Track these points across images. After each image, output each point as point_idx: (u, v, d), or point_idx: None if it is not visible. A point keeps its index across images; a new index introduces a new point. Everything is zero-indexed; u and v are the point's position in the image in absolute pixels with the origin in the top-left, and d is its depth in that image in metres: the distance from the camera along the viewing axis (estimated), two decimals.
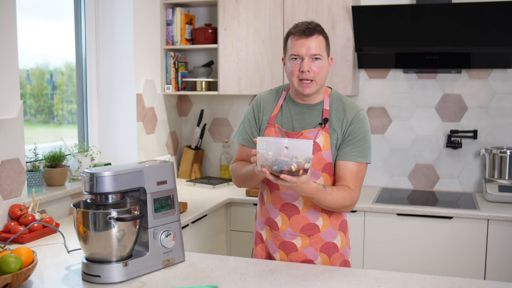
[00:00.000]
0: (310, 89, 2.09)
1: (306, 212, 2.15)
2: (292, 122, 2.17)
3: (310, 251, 2.18)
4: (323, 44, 2.10)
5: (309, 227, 2.17)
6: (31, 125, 3.23)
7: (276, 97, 2.25)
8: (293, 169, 1.78)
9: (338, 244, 2.21)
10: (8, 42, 2.56)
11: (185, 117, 4.36)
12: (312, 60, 2.07)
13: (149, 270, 2.00)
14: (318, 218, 2.16)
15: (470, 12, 3.25)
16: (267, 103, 2.24)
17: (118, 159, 3.61)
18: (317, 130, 2.11)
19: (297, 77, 2.09)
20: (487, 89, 3.63)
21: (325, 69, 2.10)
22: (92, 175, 1.89)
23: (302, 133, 2.12)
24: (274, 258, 2.24)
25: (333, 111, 2.14)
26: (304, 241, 2.17)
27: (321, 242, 2.18)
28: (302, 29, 2.08)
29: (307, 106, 2.17)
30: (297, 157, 1.77)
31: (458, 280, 1.93)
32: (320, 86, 2.11)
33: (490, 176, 3.52)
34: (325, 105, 2.15)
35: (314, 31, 2.08)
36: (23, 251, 1.90)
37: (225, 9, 3.78)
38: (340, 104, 2.16)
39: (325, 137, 2.10)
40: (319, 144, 2.10)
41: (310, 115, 2.16)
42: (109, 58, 3.59)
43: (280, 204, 2.18)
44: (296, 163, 1.77)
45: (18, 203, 2.62)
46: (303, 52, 2.06)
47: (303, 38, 2.07)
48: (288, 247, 2.19)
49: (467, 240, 3.17)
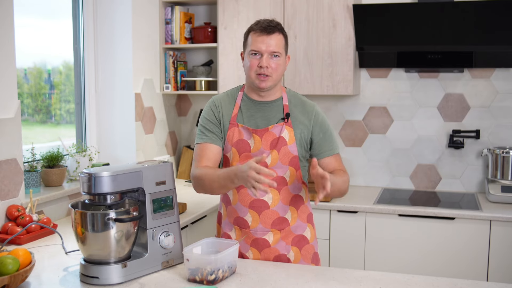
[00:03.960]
0: (266, 83, 2.16)
1: (276, 207, 2.20)
2: (255, 120, 2.22)
3: (281, 245, 2.22)
4: (282, 43, 2.18)
5: (279, 221, 2.21)
6: (28, 125, 3.21)
7: (231, 99, 2.28)
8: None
9: (307, 236, 2.28)
10: (6, 41, 2.54)
11: (184, 117, 4.33)
12: (271, 57, 2.15)
13: (148, 272, 1.99)
14: (287, 211, 2.22)
15: (473, 10, 3.23)
16: (224, 105, 2.27)
17: (117, 159, 3.59)
18: (281, 125, 2.19)
19: (255, 71, 2.16)
20: (490, 88, 3.60)
21: (282, 66, 2.19)
22: (90, 175, 1.88)
23: (268, 129, 2.18)
24: (246, 257, 2.25)
25: (292, 106, 2.23)
26: (276, 236, 2.21)
27: (292, 236, 2.24)
28: (263, 26, 2.15)
29: (266, 103, 2.24)
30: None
31: (460, 281, 1.93)
32: (275, 82, 2.19)
33: (493, 177, 3.50)
34: (284, 101, 2.24)
35: (275, 29, 2.16)
36: (20, 252, 1.90)
37: (225, 7, 3.75)
38: (297, 100, 2.27)
39: (289, 131, 2.19)
40: (284, 138, 2.18)
41: (271, 111, 2.23)
42: (108, 57, 3.57)
43: (249, 202, 2.20)
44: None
45: (16, 203, 2.61)
46: (263, 49, 2.13)
47: (264, 35, 2.14)
48: (260, 244, 2.22)
49: (469, 241, 3.14)
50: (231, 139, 2.21)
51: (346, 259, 3.36)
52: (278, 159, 2.17)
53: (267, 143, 2.18)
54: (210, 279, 1.87)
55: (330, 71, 3.55)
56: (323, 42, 3.56)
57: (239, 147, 2.20)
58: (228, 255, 1.92)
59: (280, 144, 2.17)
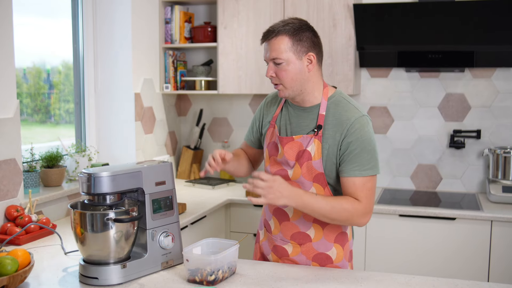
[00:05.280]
0: (283, 93, 2.00)
1: (297, 220, 2.09)
2: (289, 125, 2.09)
3: (301, 258, 2.11)
4: (287, 46, 1.94)
5: (299, 236, 2.10)
6: (27, 125, 3.20)
7: (279, 98, 2.19)
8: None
9: (332, 257, 2.10)
10: (5, 41, 2.53)
11: (184, 117, 4.32)
12: (275, 64, 1.97)
13: (148, 272, 1.98)
14: (310, 228, 2.08)
15: (473, 10, 3.22)
16: (271, 104, 2.21)
17: (116, 159, 3.58)
18: (310, 136, 2.00)
19: (270, 81, 2.04)
20: (491, 88, 3.59)
21: (291, 72, 1.96)
22: (89, 175, 1.88)
23: (293, 139, 2.04)
24: (268, 259, 2.23)
25: (329, 117, 2.00)
26: (295, 249, 2.12)
27: (313, 252, 2.10)
28: (265, 32, 2.00)
29: (302, 109, 2.07)
30: None
31: (461, 282, 1.92)
32: (295, 89, 1.99)
33: (494, 177, 3.49)
34: (321, 110, 2.02)
35: (273, 33, 1.95)
36: (19, 253, 1.89)
37: (225, 7, 3.74)
38: (337, 110, 2.01)
39: (317, 145, 1.99)
40: (309, 152, 2.00)
41: (305, 119, 2.05)
42: (107, 56, 3.55)
43: (273, 208, 2.16)
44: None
45: (15, 204, 2.60)
46: (266, 57, 2.00)
47: (265, 42, 1.99)
48: (279, 251, 2.16)
49: (470, 241, 3.13)
50: (267, 140, 2.16)
51: None
52: (301, 174, 2.02)
53: (292, 153, 2.04)
54: (210, 280, 1.86)
55: (331, 70, 3.54)
56: (324, 41, 3.54)
57: (270, 149, 2.14)
58: (228, 255, 1.91)
59: (304, 158, 2.00)
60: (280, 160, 2.08)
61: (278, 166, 2.09)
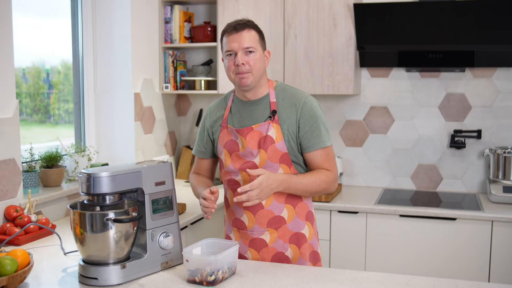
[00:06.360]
0: (247, 80, 2.15)
1: (270, 206, 2.19)
2: (244, 120, 2.23)
3: (279, 244, 2.21)
4: (256, 38, 2.17)
5: (275, 220, 2.20)
6: (27, 125, 3.20)
7: (224, 103, 2.32)
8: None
9: (306, 234, 2.25)
10: (4, 40, 2.53)
11: (184, 117, 4.31)
12: (246, 53, 2.14)
13: (147, 272, 1.98)
14: (283, 210, 2.20)
15: (474, 10, 3.22)
16: (216, 111, 2.33)
17: (116, 160, 3.57)
18: (267, 123, 2.17)
19: (233, 71, 2.16)
20: (491, 88, 3.59)
21: (260, 62, 2.17)
22: (89, 175, 1.88)
23: (252, 128, 2.18)
24: (245, 258, 2.25)
25: (279, 102, 2.20)
26: (273, 235, 2.21)
27: (289, 234, 2.22)
28: (233, 25, 2.16)
29: (252, 103, 2.23)
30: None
31: (462, 282, 1.92)
32: (257, 78, 2.17)
33: (495, 177, 3.48)
34: (271, 98, 2.21)
35: (245, 26, 2.16)
36: (19, 253, 1.89)
37: (225, 6, 3.74)
38: (286, 94, 2.22)
39: (277, 128, 2.16)
40: (271, 137, 2.16)
41: (258, 110, 2.21)
42: (107, 56, 3.55)
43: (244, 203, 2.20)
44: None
45: (14, 204, 2.59)
46: (236, 47, 2.13)
47: (234, 33, 2.15)
48: (257, 244, 2.22)
49: (471, 241, 3.13)
50: (222, 141, 2.26)
51: (346, 260, 3.34)
52: (267, 158, 2.16)
53: (254, 143, 2.17)
54: (209, 280, 1.85)
55: (331, 70, 3.53)
56: (324, 41, 3.55)
57: (229, 147, 2.24)
58: (228, 255, 1.90)
59: (267, 143, 2.15)
60: (243, 153, 2.19)
61: (241, 160, 2.20)
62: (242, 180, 2.20)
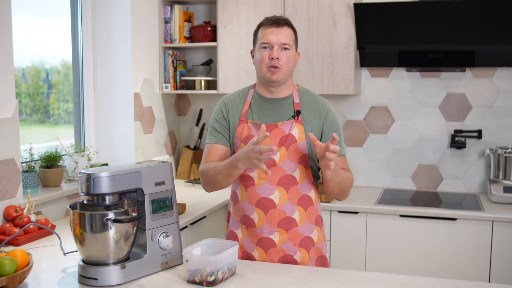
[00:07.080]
0: (278, 76, 2.15)
1: (283, 206, 2.17)
2: (265, 117, 2.21)
3: (288, 246, 2.19)
4: (292, 37, 2.19)
5: (286, 221, 2.18)
6: (26, 125, 3.19)
7: (242, 97, 2.29)
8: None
9: (314, 239, 2.24)
10: (4, 40, 2.52)
11: (184, 117, 4.31)
12: (282, 49, 2.15)
13: (147, 273, 1.97)
14: (295, 211, 2.18)
15: (474, 9, 3.21)
16: (234, 103, 2.29)
17: (115, 160, 3.57)
18: (291, 122, 2.17)
19: (266, 64, 2.16)
20: (492, 88, 3.58)
21: (292, 60, 2.19)
22: (88, 175, 1.87)
23: (277, 125, 2.17)
24: (252, 256, 2.23)
25: (303, 104, 2.22)
26: (282, 236, 2.18)
27: (299, 237, 2.20)
28: (273, 19, 2.18)
29: (276, 101, 2.23)
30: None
31: (462, 282, 1.92)
32: (286, 76, 2.18)
33: (495, 177, 3.48)
34: (295, 99, 2.23)
35: (285, 23, 2.18)
36: (18, 253, 1.89)
37: (225, 6, 3.73)
38: (308, 97, 2.25)
39: (300, 128, 2.17)
40: (294, 136, 2.16)
41: (281, 109, 2.21)
42: (106, 56, 3.54)
43: (256, 200, 2.18)
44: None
45: (13, 204, 2.58)
46: (274, 40, 2.14)
47: (273, 27, 2.16)
48: (266, 243, 2.19)
49: (471, 242, 3.12)
50: (240, 135, 2.21)
51: (347, 260, 3.34)
52: (287, 157, 2.15)
53: (276, 140, 2.15)
54: (209, 280, 1.85)
55: (331, 70, 3.53)
56: (324, 41, 3.54)
57: (248, 142, 2.15)
58: (227, 256, 1.90)
59: (289, 142, 2.15)
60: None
61: None
62: (257, 176, 2.16)
